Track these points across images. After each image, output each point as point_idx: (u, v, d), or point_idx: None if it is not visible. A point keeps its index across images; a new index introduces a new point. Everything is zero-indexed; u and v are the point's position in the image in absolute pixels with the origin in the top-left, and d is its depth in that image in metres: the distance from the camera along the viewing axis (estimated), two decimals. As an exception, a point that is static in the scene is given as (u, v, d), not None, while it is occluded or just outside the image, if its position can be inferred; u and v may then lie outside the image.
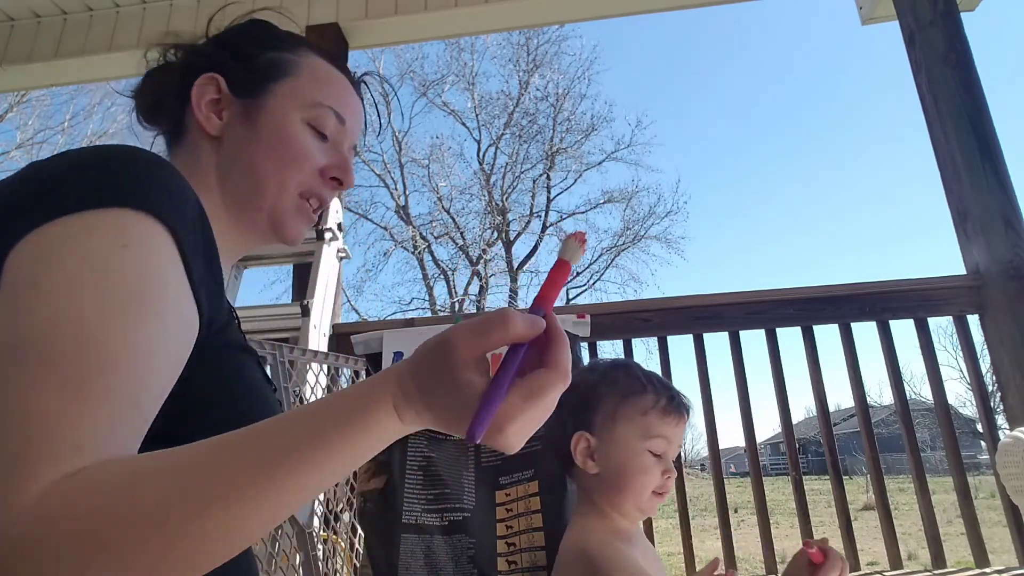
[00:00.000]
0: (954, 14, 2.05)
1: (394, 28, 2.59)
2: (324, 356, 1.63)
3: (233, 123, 0.67)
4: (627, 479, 0.94)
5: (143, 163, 0.50)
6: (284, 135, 0.67)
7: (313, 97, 0.69)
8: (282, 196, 0.67)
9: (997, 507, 1.96)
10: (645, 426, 0.95)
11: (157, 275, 0.46)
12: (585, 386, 0.98)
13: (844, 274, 64.39)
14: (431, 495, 1.51)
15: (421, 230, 15.09)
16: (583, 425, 0.96)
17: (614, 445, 0.94)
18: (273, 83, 0.68)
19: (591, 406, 0.97)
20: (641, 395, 0.96)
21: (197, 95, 0.66)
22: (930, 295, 1.86)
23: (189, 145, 0.68)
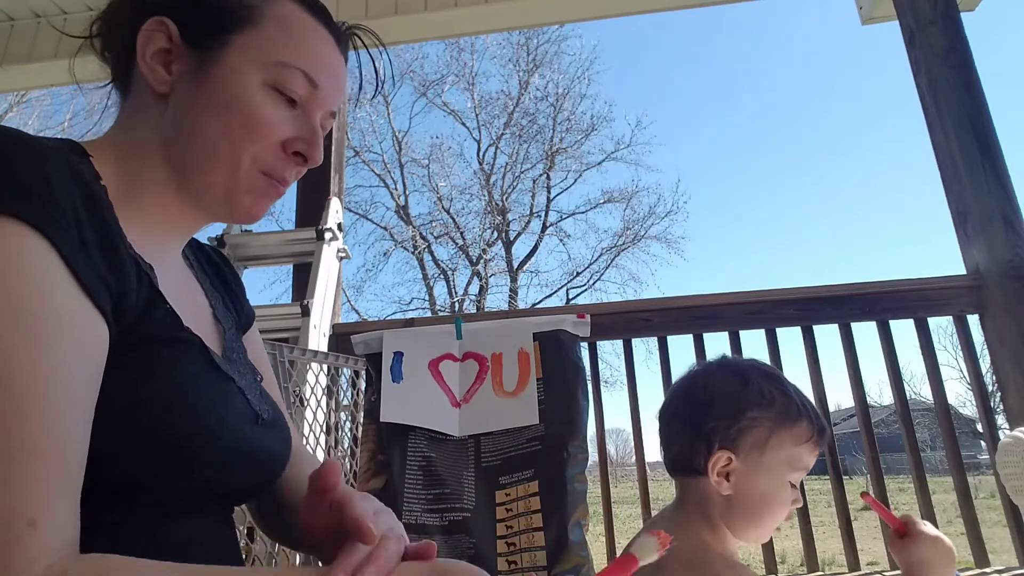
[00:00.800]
0: (954, 14, 2.04)
1: (394, 28, 2.59)
2: (324, 356, 1.63)
3: (182, 79, 0.56)
4: (765, 511, 0.88)
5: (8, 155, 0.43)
6: (239, 98, 0.55)
7: (279, 54, 0.57)
8: (237, 173, 0.57)
9: (997, 507, 1.96)
10: (795, 457, 0.88)
11: (43, 295, 0.41)
12: (737, 398, 0.89)
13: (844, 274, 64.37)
14: (431, 495, 1.51)
15: (421, 230, 15.10)
16: (728, 443, 0.87)
17: (760, 474, 0.87)
18: (231, 33, 0.56)
19: (740, 425, 0.87)
20: (797, 423, 0.88)
21: (143, 42, 0.56)
22: (930, 295, 1.86)
23: (134, 102, 0.58)
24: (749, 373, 0.92)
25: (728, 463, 0.87)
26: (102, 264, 0.45)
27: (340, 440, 1.73)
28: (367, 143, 15.28)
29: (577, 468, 1.52)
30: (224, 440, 0.52)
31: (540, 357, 1.63)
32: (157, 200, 0.58)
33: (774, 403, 0.88)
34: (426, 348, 1.67)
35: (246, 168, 0.57)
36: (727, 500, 0.87)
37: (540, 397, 1.58)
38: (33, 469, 0.38)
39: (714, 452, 0.87)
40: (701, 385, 0.95)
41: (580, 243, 27.57)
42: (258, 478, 0.60)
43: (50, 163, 0.44)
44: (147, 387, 0.48)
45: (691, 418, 0.91)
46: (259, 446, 0.58)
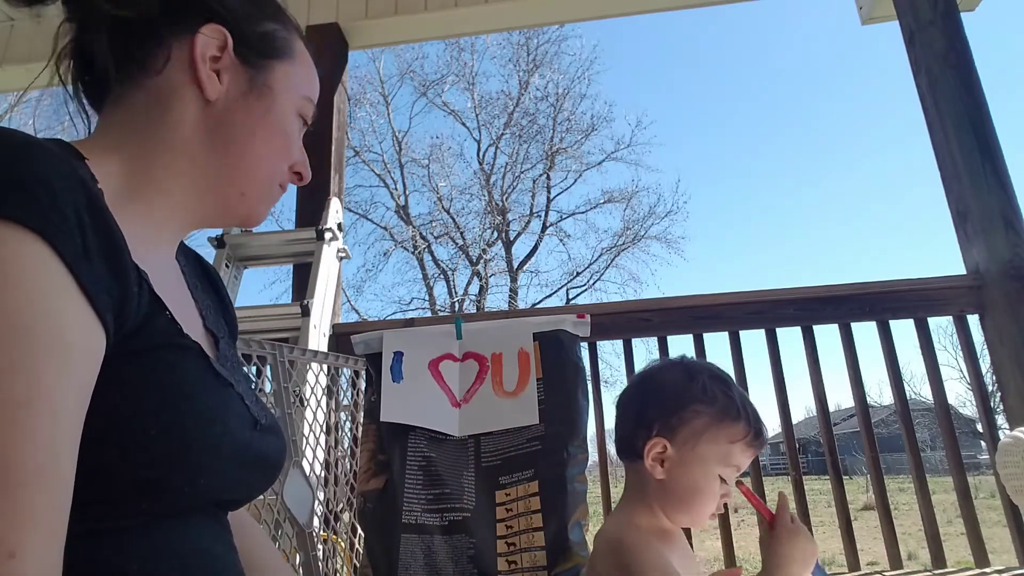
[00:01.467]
0: (954, 14, 2.04)
1: (394, 28, 2.59)
2: (324, 356, 1.63)
3: (234, 92, 0.59)
4: (693, 500, 0.93)
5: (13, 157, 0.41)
6: (286, 124, 0.63)
7: (305, 89, 0.65)
8: (268, 186, 0.63)
9: (997, 507, 1.96)
10: (727, 454, 0.93)
11: (42, 306, 0.39)
12: (681, 393, 0.95)
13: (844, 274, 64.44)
14: (431, 495, 1.51)
15: (421, 230, 15.11)
16: (666, 431, 0.93)
17: (691, 464, 0.92)
18: (276, 60, 0.62)
19: (681, 416, 0.93)
20: (734, 422, 0.93)
21: (203, 45, 0.57)
22: (930, 295, 1.86)
23: (164, 91, 0.57)
24: (698, 371, 0.99)
25: (663, 450, 0.93)
26: (105, 271, 0.44)
27: (340, 440, 1.73)
28: (367, 143, 15.30)
29: (577, 468, 1.52)
30: (227, 446, 0.53)
31: (540, 357, 1.63)
32: (168, 198, 0.57)
33: (715, 401, 0.94)
34: (426, 348, 1.67)
35: (274, 182, 0.64)
36: (660, 484, 0.94)
37: (540, 397, 1.58)
38: (18, 499, 0.36)
39: (652, 438, 0.93)
40: (652, 377, 1.02)
41: (580, 243, 27.61)
42: (257, 483, 0.61)
43: (54, 167, 0.43)
44: (151, 394, 0.48)
45: (638, 405, 0.99)
46: (259, 451, 0.58)
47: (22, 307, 0.38)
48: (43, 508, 0.38)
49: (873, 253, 66.53)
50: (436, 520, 1.48)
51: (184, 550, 0.50)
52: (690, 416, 0.93)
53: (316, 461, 1.50)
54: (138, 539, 0.47)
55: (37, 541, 0.37)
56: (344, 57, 2.52)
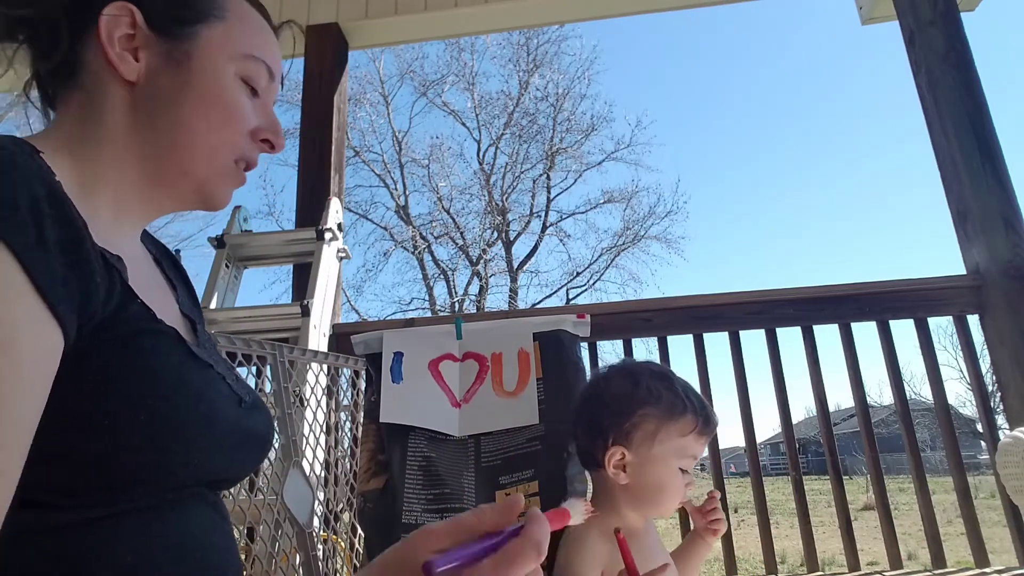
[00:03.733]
0: (954, 14, 2.04)
1: (394, 28, 2.59)
2: (324, 356, 1.63)
3: (155, 68, 0.56)
4: (659, 496, 0.98)
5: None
6: (220, 91, 0.58)
7: (245, 47, 0.60)
8: (214, 160, 0.59)
9: (997, 507, 1.96)
10: (682, 447, 0.98)
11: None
12: (627, 397, 0.99)
13: (844, 274, 64.42)
14: (431, 495, 1.51)
15: (421, 230, 15.10)
16: (621, 439, 0.98)
17: (650, 464, 0.97)
18: (200, 25, 0.58)
19: (633, 422, 0.98)
20: (682, 416, 0.98)
21: (108, 27, 0.54)
22: (930, 295, 1.86)
23: (87, 86, 0.56)
24: (640, 374, 1.03)
25: (622, 457, 0.98)
26: (63, 262, 0.42)
27: (340, 440, 1.73)
28: (367, 143, 15.29)
29: (577, 468, 1.52)
30: (215, 424, 0.53)
31: (540, 357, 1.63)
32: (118, 190, 0.57)
33: (661, 400, 0.98)
34: (426, 348, 1.67)
35: (223, 156, 0.59)
36: (626, 488, 0.98)
37: (540, 397, 1.58)
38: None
39: (609, 448, 0.98)
40: (599, 388, 1.06)
41: (580, 243, 27.65)
42: (249, 459, 0.62)
43: (8, 159, 0.42)
44: (134, 381, 0.47)
45: (591, 418, 1.03)
46: (247, 427, 0.58)
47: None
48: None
49: (873, 253, 66.55)
50: (436, 520, 1.48)
51: (179, 540, 0.50)
52: (640, 420, 0.98)
53: (316, 461, 1.50)
54: (133, 528, 0.47)
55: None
56: (344, 57, 2.52)
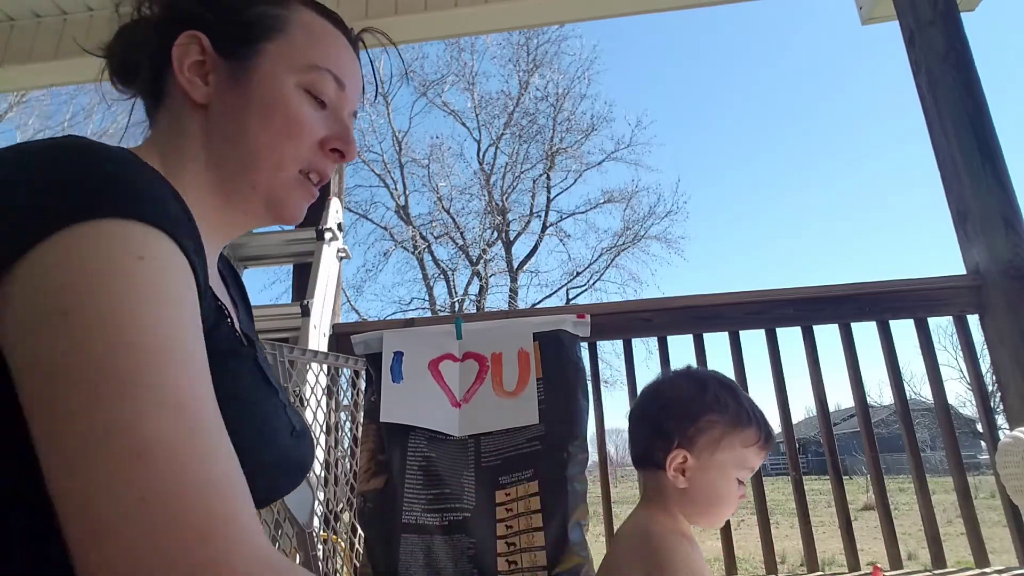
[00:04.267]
0: (954, 14, 2.04)
1: (394, 28, 2.59)
2: (324, 356, 1.63)
3: (221, 89, 0.59)
4: (715, 504, 0.99)
5: (120, 164, 0.44)
6: (279, 103, 0.59)
7: (309, 58, 0.61)
8: (280, 173, 0.60)
9: (997, 507, 1.96)
10: (743, 458, 0.99)
11: (175, 288, 0.41)
12: (694, 402, 1.00)
13: (844, 274, 64.42)
14: (431, 495, 1.51)
15: (421, 230, 15.10)
16: (685, 443, 0.98)
17: (711, 471, 0.98)
18: (263, 42, 0.60)
19: (698, 427, 0.98)
20: (746, 427, 0.99)
21: (179, 56, 0.58)
22: (930, 295, 1.86)
23: (171, 113, 0.60)
24: (708, 381, 1.04)
25: (684, 460, 0.98)
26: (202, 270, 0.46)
27: (340, 440, 1.73)
28: (367, 143, 15.29)
29: (577, 468, 1.52)
30: (270, 451, 0.54)
31: (540, 357, 1.63)
32: (199, 209, 0.57)
33: (727, 409, 0.99)
34: (426, 348, 1.67)
35: (288, 168, 0.60)
36: (682, 492, 0.98)
37: (540, 397, 1.58)
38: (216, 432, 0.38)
39: (672, 450, 0.98)
40: (665, 390, 1.07)
41: (580, 243, 27.66)
42: (286, 486, 0.62)
43: (156, 179, 0.45)
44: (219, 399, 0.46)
45: (654, 419, 1.03)
46: (297, 457, 0.60)
47: (166, 289, 0.40)
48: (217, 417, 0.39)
49: (873, 253, 66.54)
50: (436, 520, 1.48)
51: None
52: (706, 426, 0.98)
53: (316, 461, 1.50)
54: None
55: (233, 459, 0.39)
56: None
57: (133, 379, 0.35)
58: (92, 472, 0.33)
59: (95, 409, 0.34)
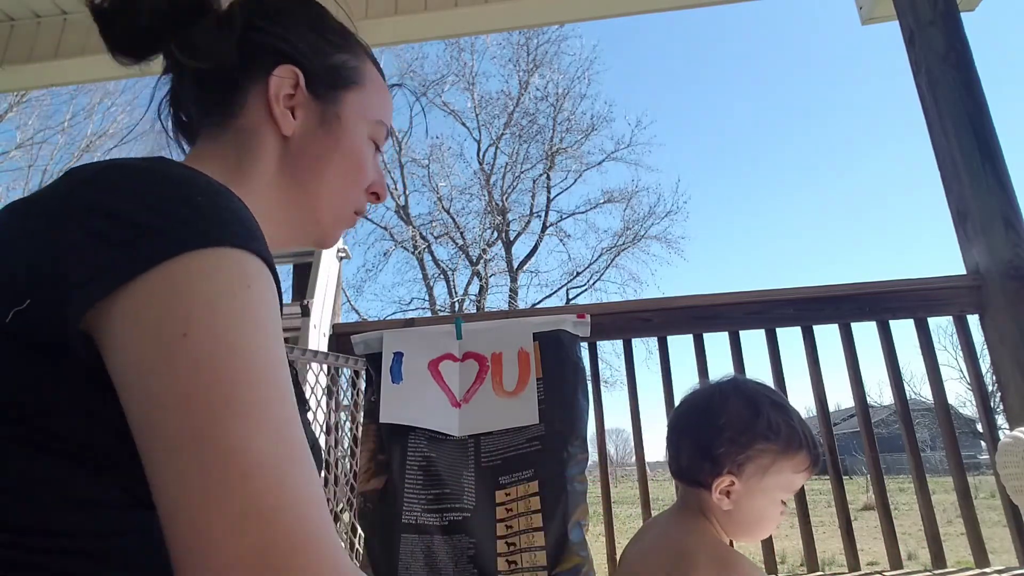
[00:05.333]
0: (954, 14, 2.04)
1: (394, 28, 2.59)
2: (324, 356, 1.63)
3: (309, 126, 0.63)
4: (756, 524, 0.98)
5: (221, 194, 0.47)
6: (358, 152, 0.65)
7: (377, 113, 0.67)
8: (341, 212, 0.66)
9: (997, 507, 1.96)
10: (790, 481, 0.98)
11: (272, 315, 0.44)
12: (747, 428, 0.97)
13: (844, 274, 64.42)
14: (431, 495, 1.51)
15: (421, 230, 15.10)
16: (735, 468, 0.95)
17: (757, 496, 0.96)
18: (345, 91, 0.65)
19: (748, 455, 0.96)
20: (797, 452, 0.97)
21: (276, 86, 0.61)
22: (930, 295, 1.86)
23: (245, 132, 0.62)
24: (761, 404, 1.00)
25: (731, 485, 0.95)
26: None
27: (340, 440, 1.73)
28: (367, 143, 15.27)
29: (577, 468, 1.52)
30: None
31: (540, 357, 1.63)
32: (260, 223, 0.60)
33: (780, 434, 0.96)
34: (426, 348, 1.67)
35: (349, 208, 0.67)
36: (726, 514, 0.97)
37: (540, 397, 1.58)
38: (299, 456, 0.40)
39: (721, 475, 0.95)
40: (716, 409, 1.02)
41: (580, 243, 27.62)
42: None
43: (246, 205, 0.48)
44: None
45: (703, 438, 1.00)
46: None
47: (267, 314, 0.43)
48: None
49: (873, 253, 66.58)
50: (436, 520, 1.48)
51: None
52: (757, 454, 0.96)
53: (316, 461, 1.51)
54: None
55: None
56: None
57: (242, 404, 0.38)
58: (203, 488, 0.36)
59: (210, 431, 0.37)
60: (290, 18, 0.64)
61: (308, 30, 0.64)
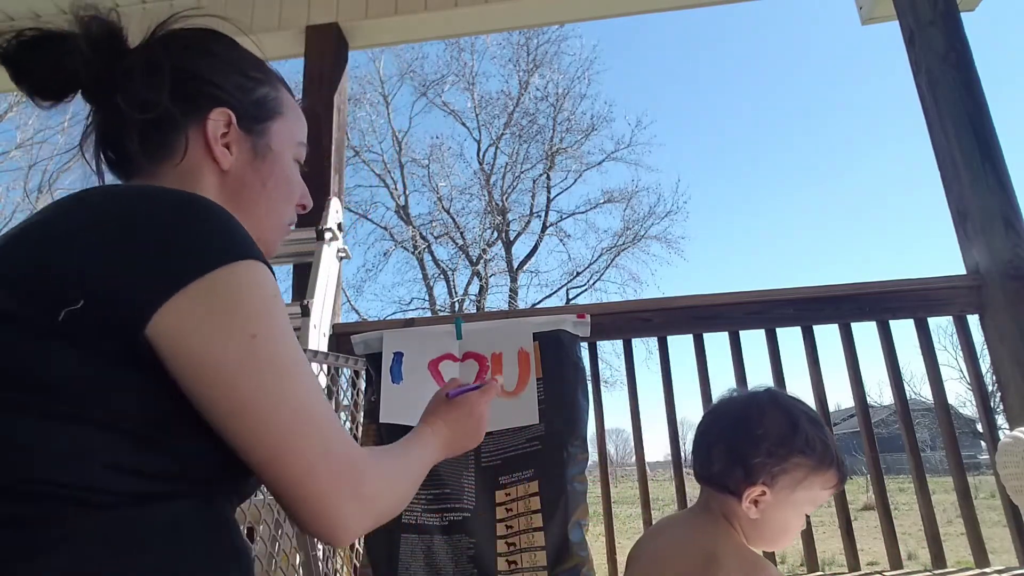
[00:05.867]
0: (954, 14, 2.04)
1: (394, 28, 2.59)
2: (324, 356, 1.63)
3: (243, 158, 0.72)
4: (780, 535, 0.99)
5: (233, 217, 0.60)
6: (287, 175, 0.75)
7: (298, 135, 0.78)
8: (279, 227, 0.76)
9: (997, 507, 1.96)
10: (817, 497, 1.00)
11: (285, 311, 0.59)
12: (785, 441, 0.98)
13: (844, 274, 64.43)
14: (431, 495, 1.51)
15: (421, 230, 15.10)
16: (769, 480, 0.97)
17: (786, 508, 0.98)
18: (271, 121, 0.74)
19: (783, 466, 0.97)
20: (828, 470, 0.99)
21: (213, 128, 0.69)
22: (930, 295, 1.86)
23: (189, 168, 0.69)
24: (799, 419, 1.02)
25: (763, 495, 0.97)
26: None
27: (340, 440, 1.73)
28: (367, 143, 15.30)
29: (577, 468, 1.52)
30: None
31: (540, 357, 1.63)
32: None
33: (815, 450, 0.98)
34: (426, 348, 1.67)
35: (284, 222, 0.77)
36: (752, 522, 0.98)
37: (540, 397, 1.58)
38: (324, 418, 0.58)
39: (755, 484, 0.97)
40: (755, 419, 1.03)
41: (580, 243, 27.60)
42: None
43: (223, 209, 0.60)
44: None
45: (739, 446, 1.01)
46: None
47: (283, 314, 0.58)
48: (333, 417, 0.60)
49: (873, 253, 66.58)
50: (436, 520, 1.48)
51: (231, 521, 0.63)
52: (793, 467, 0.97)
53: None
54: (219, 510, 0.60)
55: None
56: (344, 57, 2.52)
57: (300, 382, 0.56)
58: (292, 439, 0.54)
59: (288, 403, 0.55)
60: (214, 62, 0.72)
61: (232, 72, 0.72)
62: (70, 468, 0.48)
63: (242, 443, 0.53)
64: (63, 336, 0.49)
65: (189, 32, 0.73)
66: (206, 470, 0.56)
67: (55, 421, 0.48)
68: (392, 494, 0.64)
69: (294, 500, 0.54)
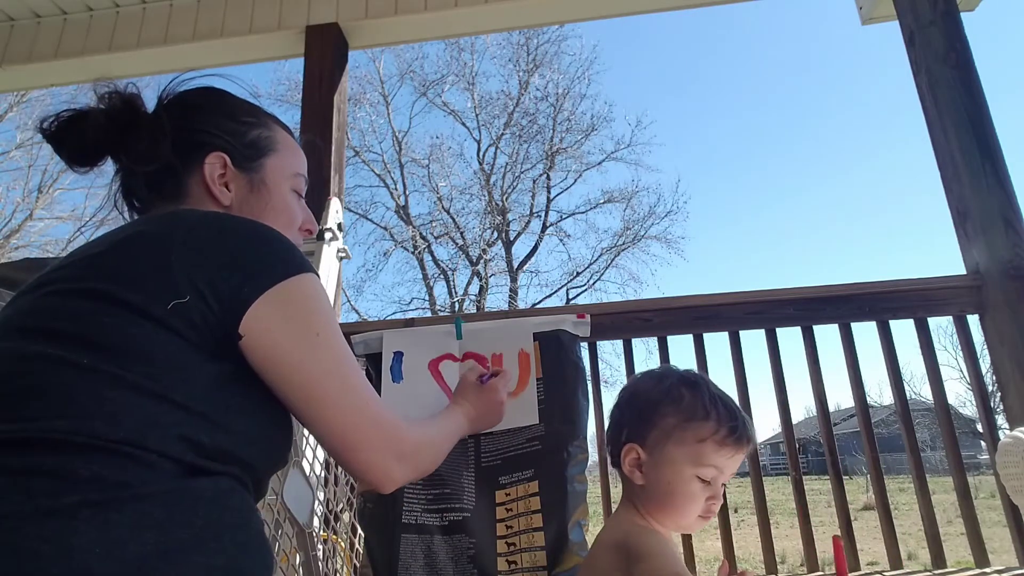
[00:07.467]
0: (954, 14, 2.04)
1: (394, 28, 2.59)
2: (324, 356, 1.63)
3: (240, 194, 0.83)
4: (670, 501, 0.94)
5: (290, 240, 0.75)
6: (283, 205, 0.87)
7: (292, 168, 0.89)
8: None
9: (997, 507, 1.96)
10: (698, 454, 0.93)
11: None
12: (648, 397, 0.98)
13: (844, 274, 64.43)
14: (431, 495, 1.51)
15: (421, 230, 15.11)
16: (636, 437, 0.96)
17: (663, 465, 0.94)
18: (265, 158, 0.85)
19: (649, 420, 0.95)
20: (702, 421, 0.93)
21: (210, 171, 0.81)
22: (930, 295, 1.86)
23: (195, 206, 0.81)
24: (667, 376, 1.01)
25: (637, 456, 0.96)
26: None
27: (340, 440, 1.73)
28: (367, 143, 15.32)
29: (577, 468, 1.52)
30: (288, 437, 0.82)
31: (540, 357, 1.63)
32: None
33: (682, 401, 0.95)
34: (426, 348, 1.67)
35: None
36: (643, 489, 0.96)
37: (540, 397, 1.57)
38: (374, 408, 0.75)
39: (624, 444, 0.98)
40: (627, 387, 1.06)
41: (580, 243, 27.61)
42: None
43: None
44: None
45: (614, 416, 1.04)
46: None
47: (332, 313, 0.74)
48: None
49: (873, 253, 66.58)
50: (436, 520, 1.48)
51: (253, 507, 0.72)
52: (657, 419, 0.95)
53: (316, 461, 1.50)
54: (245, 495, 0.69)
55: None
56: (344, 57, 2.52)
57: (353, 371, 0.73)
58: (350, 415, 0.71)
59: (342, 379, 0.71)
60: (209, 114, 0.84)
61: (225, 119, 0.84)
62: (151, 434, 0.58)
63: (311, 415, 0.69)
64: (168, 326, 0.62)
65: (189, 93, 0.85)
66: (250, 455, 0.67)
67: (143, 393, 0.59)
68: (427, 453, 0.83)
69: (351, 460, 0.71)
